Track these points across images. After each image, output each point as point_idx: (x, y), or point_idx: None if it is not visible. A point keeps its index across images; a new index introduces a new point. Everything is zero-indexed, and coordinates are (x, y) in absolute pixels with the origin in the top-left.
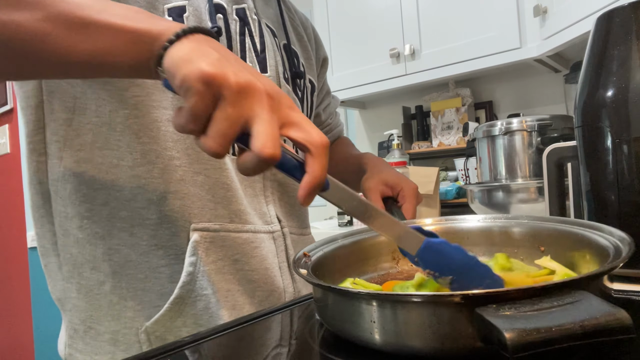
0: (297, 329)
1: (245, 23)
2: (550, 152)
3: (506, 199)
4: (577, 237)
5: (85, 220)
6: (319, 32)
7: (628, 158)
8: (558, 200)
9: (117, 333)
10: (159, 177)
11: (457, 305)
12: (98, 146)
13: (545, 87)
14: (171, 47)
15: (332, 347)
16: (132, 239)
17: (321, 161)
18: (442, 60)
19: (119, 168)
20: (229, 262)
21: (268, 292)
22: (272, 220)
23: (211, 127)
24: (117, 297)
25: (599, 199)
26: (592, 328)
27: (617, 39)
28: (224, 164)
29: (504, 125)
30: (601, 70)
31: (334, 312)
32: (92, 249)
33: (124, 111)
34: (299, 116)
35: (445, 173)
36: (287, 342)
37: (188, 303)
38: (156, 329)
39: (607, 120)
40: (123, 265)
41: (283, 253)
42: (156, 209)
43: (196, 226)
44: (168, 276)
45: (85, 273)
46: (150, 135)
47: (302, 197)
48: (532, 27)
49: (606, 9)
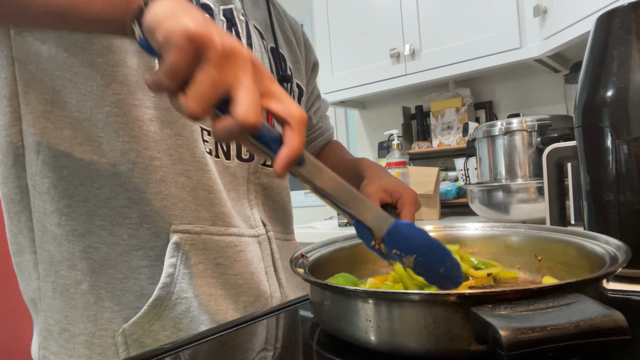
0: (283, 334)
1: (232, 24)
2: (550, 152)
3: (506, 199)
4: (574, 246)
5: (64, 216)
6: (318, 32)
7: (628, 158)
8: (558, 200)
9: (92, 335)
10: (139, 176)
11: (453, 304)
12: (78, 141)
13: (545, 87)
14: (153, 2)
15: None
16: (112, 237)
17: (300, 134)
18: (442, 60)
19: (99, 164)
20: (211, 265)
21: (254, 298)
22: (256, 224)
23: (191, 88)
24: (95, 297)
25: (598, 199)
26: (587, 328)
27: (617, 39)
28: (206, 165)
29: (504, 125)
30: (601, 70)
31: (330, 312)
32: (71, 246)
33: (105, 108)
34: (279, 89)
35: (445, 173)
36: (272, 347)
37: (167, 306)
38: (134, 332)
39: (607, 120)
40: (102, 265)
41: (269, 257)
42: (137, 209)
43: (176, 228)
44: (148, 277)
45: (62, 271)
46: (131, 135)
47: (279, 167)
48: (532, 27)
49: (606, 9)
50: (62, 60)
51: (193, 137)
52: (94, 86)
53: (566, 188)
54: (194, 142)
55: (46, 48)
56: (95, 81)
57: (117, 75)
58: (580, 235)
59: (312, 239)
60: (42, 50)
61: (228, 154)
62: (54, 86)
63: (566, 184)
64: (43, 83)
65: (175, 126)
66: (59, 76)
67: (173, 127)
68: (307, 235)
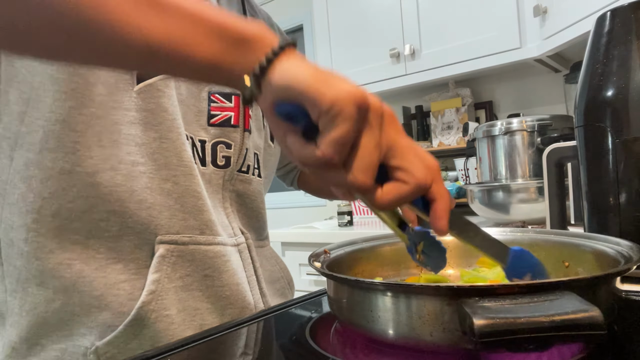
0: (262, 340)
1: None
2: (550, 152)
3: (506, 199)
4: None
5: (31, 232)
6: (318, 32)
7: (628, 158)
8: (558, 200)
9: (64, 351)
10: (122, 184)
11: (445, 297)
12: (48, 147)
13: (545, 87)
14: (277, 60)
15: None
16: (87, 252)
17: (443, 184)
18: (442, 60)
19: (72, 174)
20: (199, 277)
21: (239, 309)
22: (235, 232)
23: (360, 158)
24: (68, 314)
25: (598, 199)
26: (560, 322)
27: (617, 39)
28: (193, 170)
29: (504, 125)
30: (601, 70)
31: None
32: (39, 264)
33: (89, 109)
34: (411, 140)
35: (445, 173)
36: (251, 350)
37: (146, 324)
38: (107, 350)
39: (607, 120)
40: (75, 282)
41: (250, 266)
42: (118, 220)
43: (162, 238)
44: (127, 293)
45: (30, 289)
46: (111, 139)
47: (444, 224)
48: (532, 27)
49: (606, 9)
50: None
51: (180, 140)
52: (80, 83)
53: (566, 188)
54: (181, 146)
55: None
56: (82, 77)
57: (101, 74)
58: (588, 238)
59: (312, 239)
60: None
61: (204, 160)
62: (33, 82)
63: (566, 184)
64: (24, 79)
65: (160, 129)
66: (39, 72)
67: (158, 130)
68: (307, 235)
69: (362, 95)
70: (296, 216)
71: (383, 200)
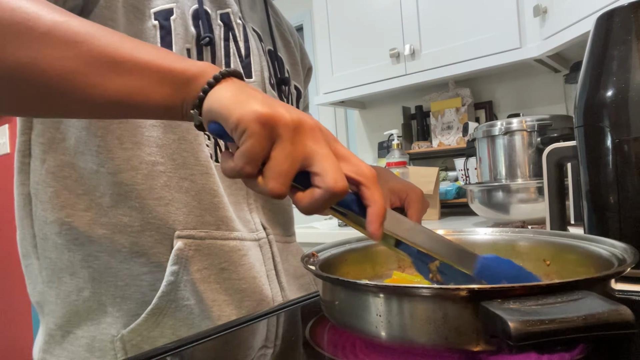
0: (283, 332)
1: (229, 28)
2: (550, 152)
3: (506, 199)
4: (580, 250)
5: (64, 226)
6: (318, 32)
7: (628, 158)
8: (558, 200)
9: (93, 339)
10: (142, 183)
11: (463, 299)
12: (80, 151)
13: (545, 87)
14: (212, 89)
15: (322, 348)
16: (113, 245)
17: (378, 191)
18: (442, 60)
19: (100, 174)
20: (215, 270)
21: (256, 302)
22: (257, 228)
23: (270, 168)
24: (97, 303)
25: (598, 199)
26: (594, 322)
27: (617, 39)
28: (210, 169)
29: (504, 125)
30: (601, 70)
31: (340, 307)
32: (71, 255)
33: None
34: (345, 149)
35: (445, 173)
36: (272, 344)
37: (167, 314)
38: (132, 338)
39: (607, 120)
40: (102, 272)
41: (270, 261)
42: (139, 216)
43: (180, 233)
44: (149, 284)
45: (64, 279)
46: (134, 141)
47: (375, 228)
48: (532, 27)
49: (606, 9)
50: None
51: (197, 140)
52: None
53: (566, 188)
54: (198, 146)
55: None
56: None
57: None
58: (585, 240)
59: (312, 239)
60: None
61: None
62: None
63: (566, 184)
64: None
65: (178, 130)
66: None
67: (176, 132)
68: (307, 235)
69: (267, 114)
70: (296, 216)
71: (302, 203)
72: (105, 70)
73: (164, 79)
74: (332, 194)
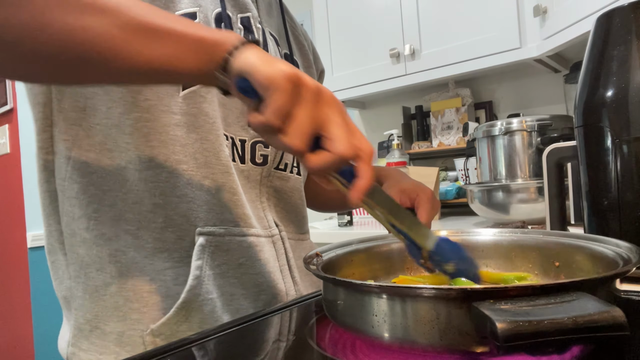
0: (296, 326)
1: (249, 31)
2: (550, 152)
3: (506, 199)
4: (587, 251)
5: (92, 221)
6: (318, 32)
7: (628, 158)
8: (558, 200)
9: (122, 334)
10: (165, 180)
11: (456, 300)
12: (108, 147)
13: (545, 87)
14: (238, 52)
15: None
16: (138, 241)
17: (371, 168)
18: (442, 60)
19: (126, 170)
20: (234, 266)
21: (271, 296)
22: (270, 225)
23: (293, 125)
24: (123, 298)
25: (598, 199)
26: (584, 323)
27: (617, 39)
28: (230, 168)
29: (504, 125)
30: (601, 70)
31: (341, 307)
32: (99, 250)
33: (135, 114)
34: (353, 124)
35: (445, 173)
36: (285, 338)
37: (194, 307)
38: (162, 332)
39: (607, 120)
40: (129, 267)
41: (283, 256)
42: (162, 213)
43: (202, 230)
44: (172, 279)
45: (91, 274)
46: (160, 139)
47: (356, 197)
48: (532, 27)
49: (606, 9)
50: None
51: (219, 141)
52: (124, 92)
53: (566, 188)
54: (219, 146)
55: None
56: (126, 87)
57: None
58: (589, 240)
59: (312, 238)
60: None
61: (243, 158)
62: (86, 93)
63: (566, 184)
64: (76, 91)
65: (201, 131)
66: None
67: (199, 132)
68: None
69: (295, 74)
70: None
71: (311, 163)
72: (142, 38)
73: (199, 47)
74: (340, 160)
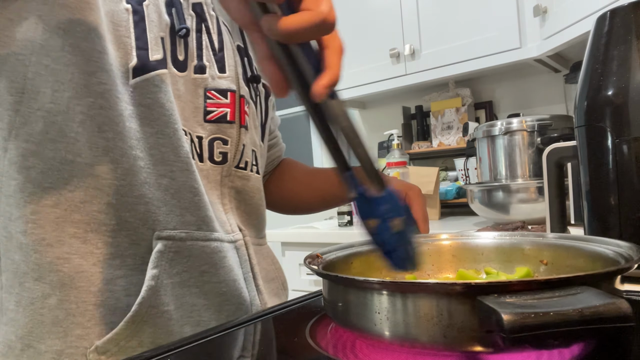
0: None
1: (202, 19)
2: (550, 152)
3: (506, 199)
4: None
5: (30, 224)
6: None
7: (628, 158)
8: (558, 200)
9: (61, 353)
10: (122, 178)
11: (460, 295)
12: (50, 138)
13: (545, 87)
14: None
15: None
16: (85, 246)
17: (341, 62)
18: (442, 60)
19: (73, 165)
20: (196, 274)
21: (235, 306)
22: (233, 229)
23: None
24: (64, 312)
25: (598, 199)
26: (590, 315)
27: (617, 39)
28: (190, 165)
29: (504, 125)
30: (601, 70)
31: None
32: (38, 257)
33: (87, 99)
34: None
35: (445, 173)
36: (249, 353)
37: (147, 321)
38: (108, 349)
39: (607, 120)
40: (72, 277)
41: (247, 263)
42: (115, 214)
43: (160, 234)
44: (123, 289)
45: (27, 283)
46: (116, 130)
47: (320, 89)
48: (532, 27)
49: (606, 9)
50: (40, 43)
51: (177, 135)
52: (75, 74)
53: (566, 188)
54: (177, 141)
55: (22, 30)
56: (78, 68)
57: (104, 63)
58: (590, 241)
59: (312, 239)
60: (16, 32)
61: (201, 156)
62: (26, 73)
63: (566, 184)
64: (15, 69)
65: (156, 124)
66: (33, 62)
67: (154, 125)
68: (307, 235)
69: None
70: (296, 216)
71: (286, 23)
72: None
73: None
74: (322, 21)
